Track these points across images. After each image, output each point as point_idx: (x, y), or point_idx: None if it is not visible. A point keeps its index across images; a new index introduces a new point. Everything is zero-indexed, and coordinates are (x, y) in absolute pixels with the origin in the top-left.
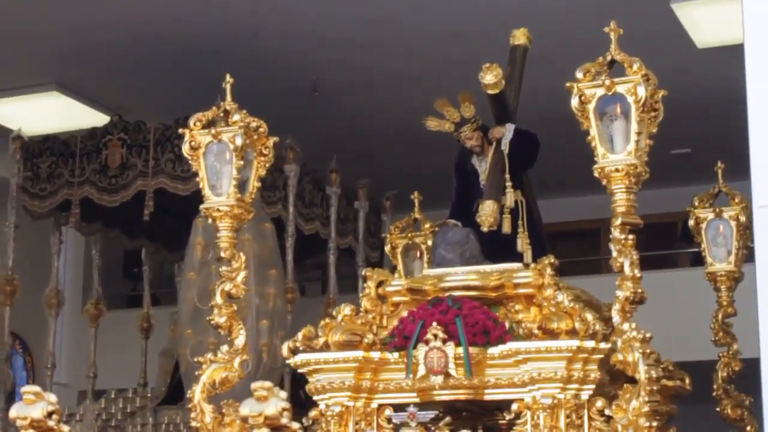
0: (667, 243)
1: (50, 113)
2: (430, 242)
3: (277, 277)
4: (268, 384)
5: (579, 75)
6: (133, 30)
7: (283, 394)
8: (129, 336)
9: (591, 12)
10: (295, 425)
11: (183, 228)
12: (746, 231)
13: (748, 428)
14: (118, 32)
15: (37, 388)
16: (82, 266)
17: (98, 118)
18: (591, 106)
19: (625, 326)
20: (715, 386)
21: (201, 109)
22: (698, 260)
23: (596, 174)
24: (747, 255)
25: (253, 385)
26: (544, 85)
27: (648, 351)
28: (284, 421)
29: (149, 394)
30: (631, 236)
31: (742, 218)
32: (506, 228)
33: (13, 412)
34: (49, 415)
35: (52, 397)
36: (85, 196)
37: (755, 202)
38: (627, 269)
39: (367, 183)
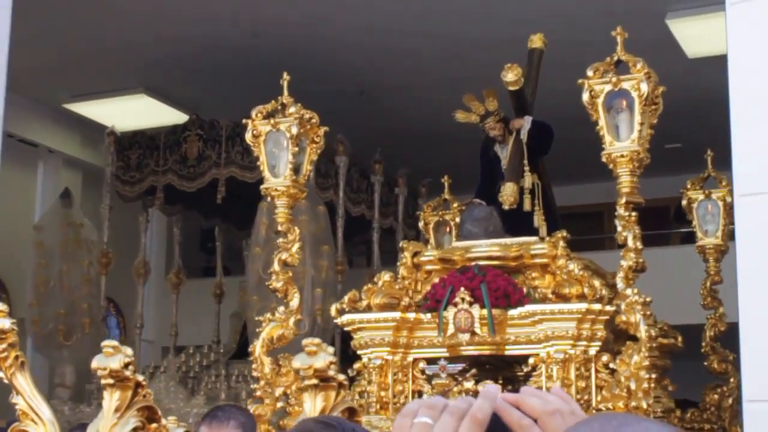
0: (661, 224)
1: (138, 112)
2: (458, 219)
3: (329, 252)
4: (317, 340)
5: (589, 73)
6: (208, 42)
7: (331, 349)
8: (204, 301)
9: (595, 23)
10: (341, 376)
11: (250, 210)
12: (731, 210)
13: (731, 380)
14: (195, 43)
15: (115, 342)
16: (165, 242)
17: (179, 117)
18: (600, 100)
19: (628, 291)
20: (703, 344)
21: None
22: (687, 239)
23: (604, 159)
24: (732, 231)
25: (304, 341)
26: (559, 86)
27: (648, 313)
28: (331, 372)
29: (221, 350)
30: (634, 213)
31: (728, 199)
32: (525, 206)
33: (95, 363)
34: (126, 366)
35: (129, 350)
36: (167, 183)
37: (736, 191)
38: (630, 242)
39: (406, 172)
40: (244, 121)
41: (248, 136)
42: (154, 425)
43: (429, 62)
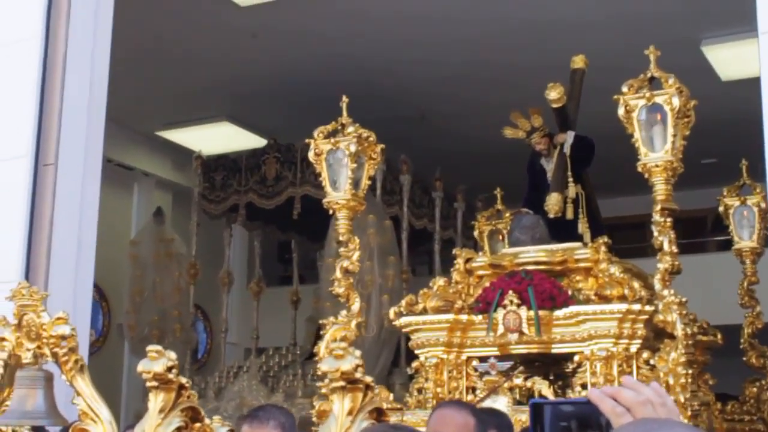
0: (699, 233)
1: (222, 138)
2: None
3: (395, 262)
4: (344, 344)
5: (624, 89)
6: (284, 75)
7: (358, 353)
8: (282, 307)
9: (634, 50)
10: (368, 379)
11: (323, 224)
12: (766, 215)
13: None
14: (272, 77)
15: (159, 347)
16: (246, 254)
17: (258, 141)
18: (635, 114)
19: (665, 292)
20: (741, 341)
21: None
22: (724, 246)
23: (639, 169)
24: (767, 236)
25: (332, 345)
26: (601, 109)
27: (684, 312)
28: (358, 375)
29: (298, 352)
30: (669, 219)
31: (763, 205)
32: (569, 215)
33: (140, 367)
34: (169, 369)
35: (172, 355)
36: (249, 201)
37: None
38: (666, 246)
39: (463, 188)
40: (307, 140)
41: (311, 155)
42: (197, 425)
43: (481, 88)
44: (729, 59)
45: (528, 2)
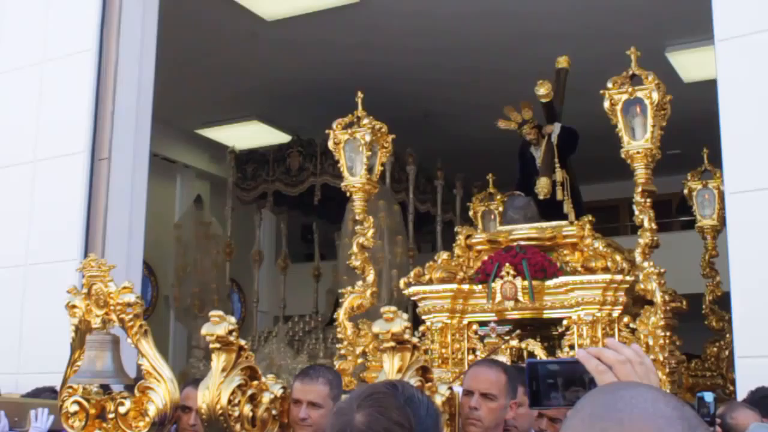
0: (665, 214)
1: (252, 135)
2: (501, 208)
3: (402, 241)
4: (394, 308)
5: (609, 85)
6: (304, 78)
7: (405, 315)
8: (305, 280)
9: (606, 59)
10: (415, 339)
11: (340, 209)
12: (724, 197)
13: (728, 335)
14: (294, 81)
15: (221, 312)
16: (274, 235)
17: (283, 137)
18: (618, 107)
19: (645, 264)
20: (703, 306)
21: None
22: (686, 225)
23: (622, 155)
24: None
25: (383, 309)
26: (579, 107)
27: (662, 282)
28: (406, 336)
29: (320, 319)
30: (648, 200)
31: (722, 188)
32: (558, 196)
33: (204, 330)
34: (230, 332)
35: (232, 319)
36: (276, 189)
37: (727, 189)
38: (646, 223)
39: (461, 177)
40: (327, 131)
41: (330, 144)
42: (255, 382)
43: (477, 91)
44: (690, 64)
45: (517, 17)
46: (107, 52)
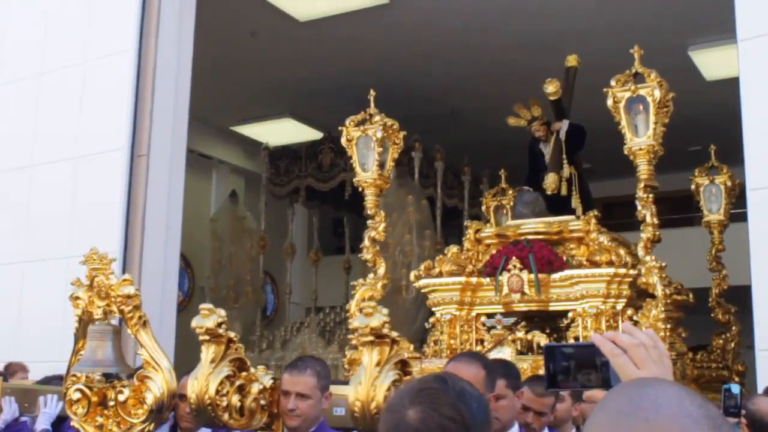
0: (686, 209)
1: (285, 132)
2: (512, 203)
3: (431, 235)
4: (373, 303)
5: (612, 83)
6: (336, 76)
7: (385, 311)
8: (336, 272)
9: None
10: (394, 333)
11: None
12: (731, 191)
13: (733, 328)
14: (326, 79)
15: (210, 305)
16: (306, 228)
17: (315, 134)
18: (621, 105)
19: (647, 258)
20: (710, 299)
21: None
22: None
23: (625, 152)
24: (731, 209)
25: (363, 304)
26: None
27: (663, 275)
28: (385, 330)
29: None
30: (650, 195)
31: (729, 183)
32: (564, 191)
33: (194, 322)
34: (219, 325)
35: (222, 312)
36: (308, 185)
37: (748, 185)
38: (648, 218)
39: (488, 173)
40: (339, 128)
41: (343, 140)
42: (244, 373)
43: (505, 86)
44: (712, 62)
45: (540, 15)
46: (146, 53)
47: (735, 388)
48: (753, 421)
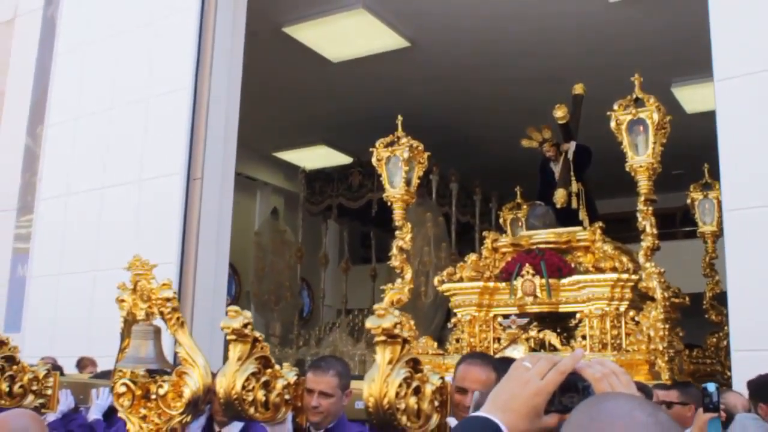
0: (671, 225)
1: (319, 157)
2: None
3: (446, 248)
4: (385, 305)
5: (615, 107)
6: (364, 109)
7: (397, 312)
8: (364, 279)
9: (615, 92)
10: (406, 333)
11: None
12: (722, 206)
13: (726, 327)
14: (355, 111)
15: (237, 308)
16: (338, 241)
17: (345, 159)
18: (623, 126)
19: (648, 264)
20: (704, 302)
21: None
22: (689, 235)
23: (627, 169)
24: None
25: (375, 307)
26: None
27: (662, 280)
28: (396, 331)
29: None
30: (650, 208)
31: (720, 198)
32: (573, 205)
33: (222, 323)
34: (245, 325)
35: (248, 313)
36: (339, 203)
37: (725, 206)
38: (648, 228)
39: (497, 193)
40: (370, 149)
41: (373, 160)
42: (269, 370)
43: (513, 117)
44: (692, 97)
45: (542, 57)
46: (201, 89)
47: (711, 387)
48: (726, 412)
